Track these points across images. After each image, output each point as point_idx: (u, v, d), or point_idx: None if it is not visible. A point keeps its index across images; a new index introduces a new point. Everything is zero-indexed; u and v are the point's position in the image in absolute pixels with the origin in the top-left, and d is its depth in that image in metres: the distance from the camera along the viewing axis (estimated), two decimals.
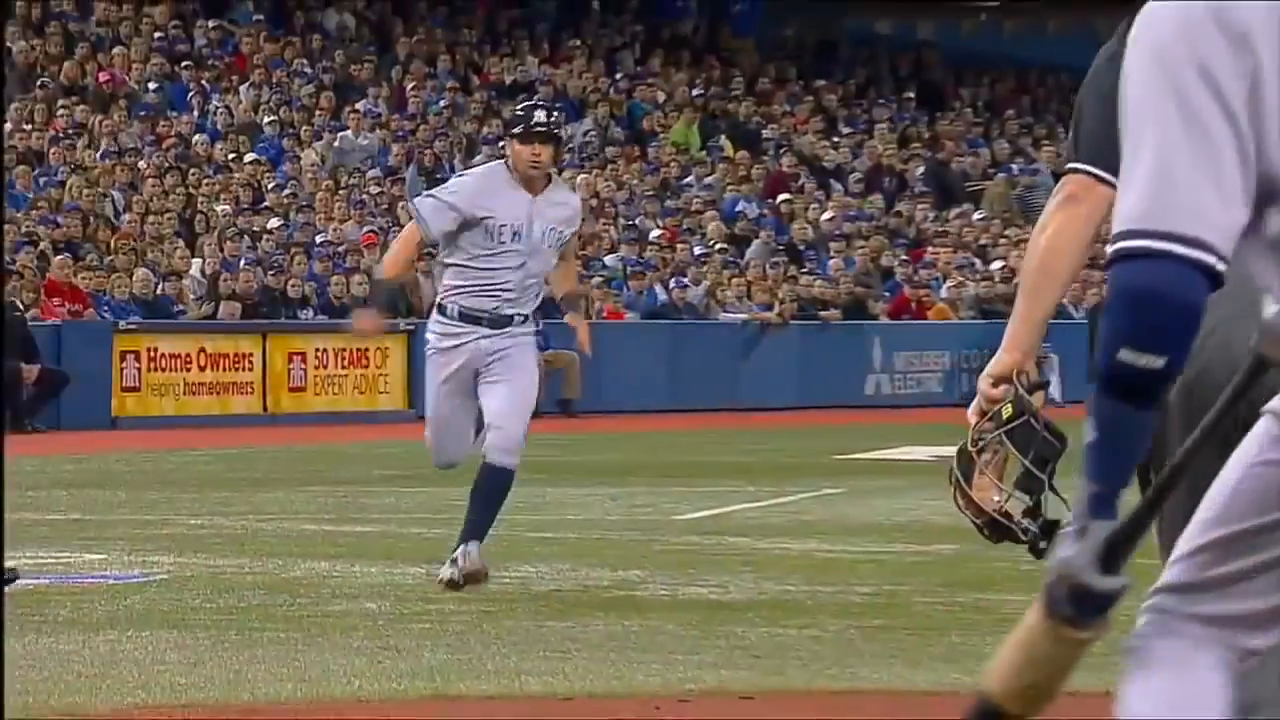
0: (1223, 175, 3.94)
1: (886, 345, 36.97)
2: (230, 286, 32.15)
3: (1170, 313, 3.94)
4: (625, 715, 8.27)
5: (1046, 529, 5.28)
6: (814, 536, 15.36)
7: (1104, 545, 4.16)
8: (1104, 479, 4.20)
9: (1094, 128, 5.31)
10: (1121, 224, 3.96)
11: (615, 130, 41.45)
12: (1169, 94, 4.01)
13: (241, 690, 8.92)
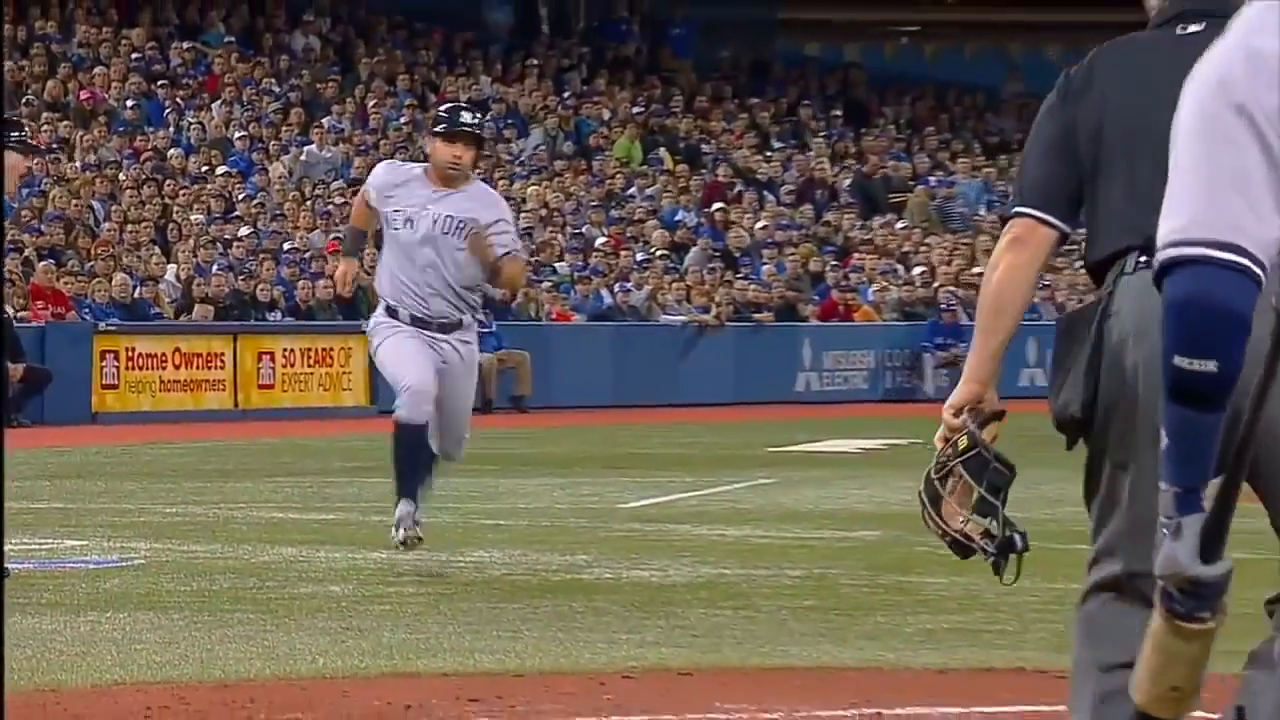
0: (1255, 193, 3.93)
1: (816, 345, 37.02)
2: (203, 290, 32.14)
3: (1215, 317, 3.91)
4: (572, 690, 8.26)
5: (1002, 548, 5.31)
6: (748, 523, 15.36)
7: (1199, 536, 4.10)
8: (1183, 480, 4.14)
9: (1038, 174, 5.32)
10: (1163, 240, 3.96)
11: (563, 144, 41.46)
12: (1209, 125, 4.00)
13: (213, 668, 8.89)
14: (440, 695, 8.11)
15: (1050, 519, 15.67)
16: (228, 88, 39.02)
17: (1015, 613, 10.55)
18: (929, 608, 10.78)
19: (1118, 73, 5.22)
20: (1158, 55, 5.26)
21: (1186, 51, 4.97)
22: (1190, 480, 4.12)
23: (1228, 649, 4.48)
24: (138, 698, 8.09)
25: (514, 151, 40.32)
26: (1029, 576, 12.35)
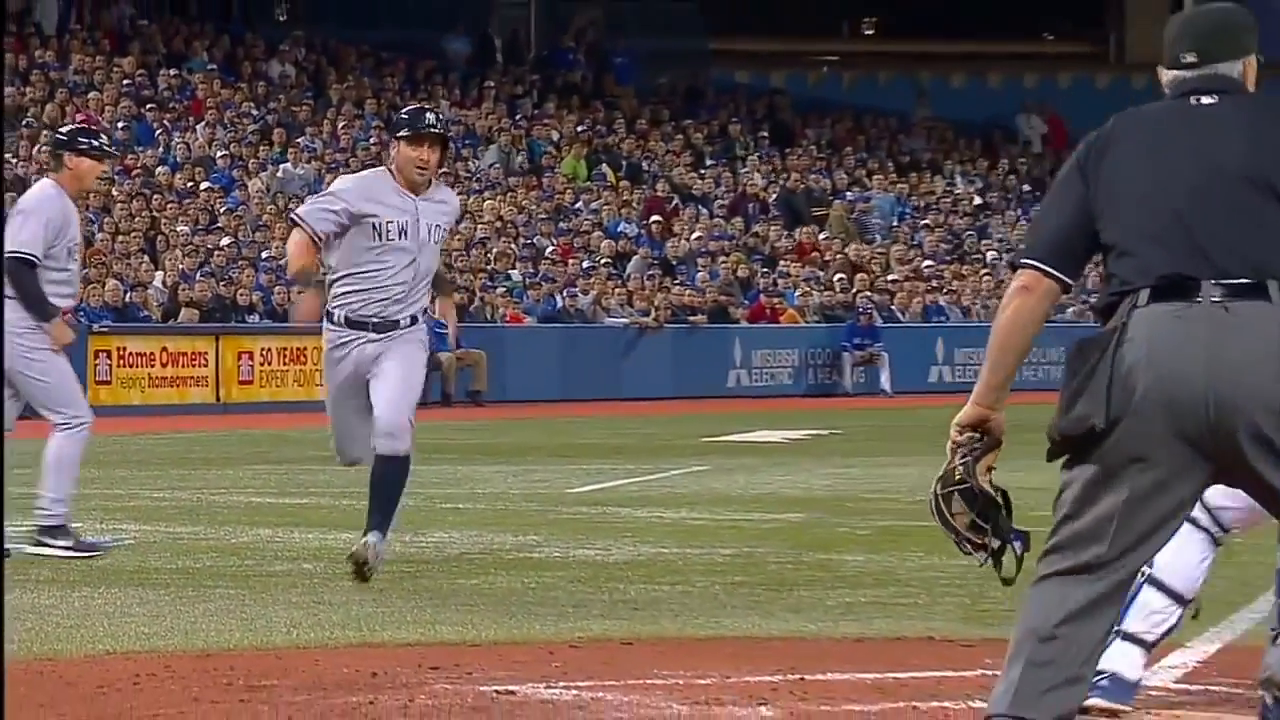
0: None
1: (745, 345, 37.06)
2: (188, 295, 32.11)
3: None
4: (523, 659, 8.24)
5: (994, 556, 5.49)
6: (684, 506, 15.36)
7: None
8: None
9: (1050, 232, 5.43)
10: None
11: (516, 162, 41.44)
12: None
13: (196, 638, 8.86)
14: (403, 663, 8.09)
15: None
16: (210, 111, 38.94)
17: (925, 587, 10.56)
18: (847, 583, 10.78)
19: (1133, 141, 5.32)
20: (1171, 124, 5.39)
21: (1200, 121, 5.13)
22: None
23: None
24: (127, 666, 8.05)
25: (471, 169, 40.28)
26: (937, 555, 12.43)
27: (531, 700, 7.32)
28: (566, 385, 34.01)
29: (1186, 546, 6.96)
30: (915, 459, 20.56)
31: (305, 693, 7.44)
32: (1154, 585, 7.01)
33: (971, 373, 39.03)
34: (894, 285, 40.33)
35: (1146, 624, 7.00)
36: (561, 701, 7.30)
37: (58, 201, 11.95)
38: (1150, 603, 6.99)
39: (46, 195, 12.01)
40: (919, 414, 30.63)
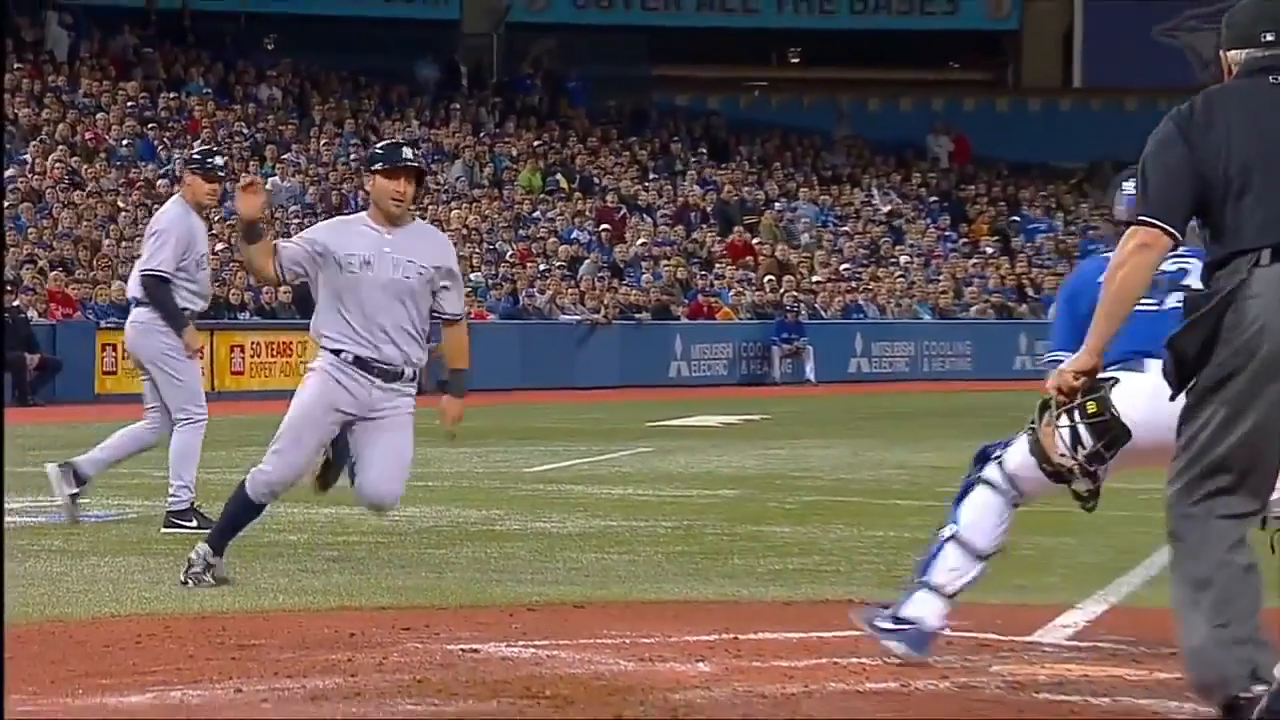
0: None
1: (685, 339, 37.07)
2: None
3: None
4: (486, 620, 8.22)
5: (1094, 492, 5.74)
6: (630, 484, 15.35)
7: None
8: None
9: (1163, 193, 5.43)
10: None
11: (480, 176, 41.39)
12: None
13: (192, 602, 8.82)
14: (378, 624, 8.06)
15: (872, 480, 15.74)
16: (206, 130, 38.81)
17: (845, 556, 10.56)
18: (776, 552, 10.78)
19: (1234, 113, 5.31)
20: (1260, 100, 5.41)
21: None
22: None
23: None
24: (130, 626, 8.02)
25: (440, 181, 40.19)
26: (856, 527, 12.40)
27: (493, 658, 7.30)
28: (525, 375, 33.97)
29: (988, 509, 7.03)
30: (836, 441, 20.58)
31: (290, 651, 7.41)
32: (957, 543, 7.06)
33: (887, 364, 39.12)
34: (817, 286, 40.37)
35: (949, 577, 7.06)
36: (520, 658, 7.28)
37: (185, 219, 12.17)
38: (954, 559, 7.05)
39: (176, 214, 12.22)
40: (840, 401, 30.68)
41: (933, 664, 7.07)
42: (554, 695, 6.52)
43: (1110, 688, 6.66)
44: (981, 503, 7.03)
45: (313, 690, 6.63)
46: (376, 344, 9.45)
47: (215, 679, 6.83)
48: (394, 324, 9.46)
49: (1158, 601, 8.79)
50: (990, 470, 7.04)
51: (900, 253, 43.86)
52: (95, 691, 6.60)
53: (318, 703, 6.42)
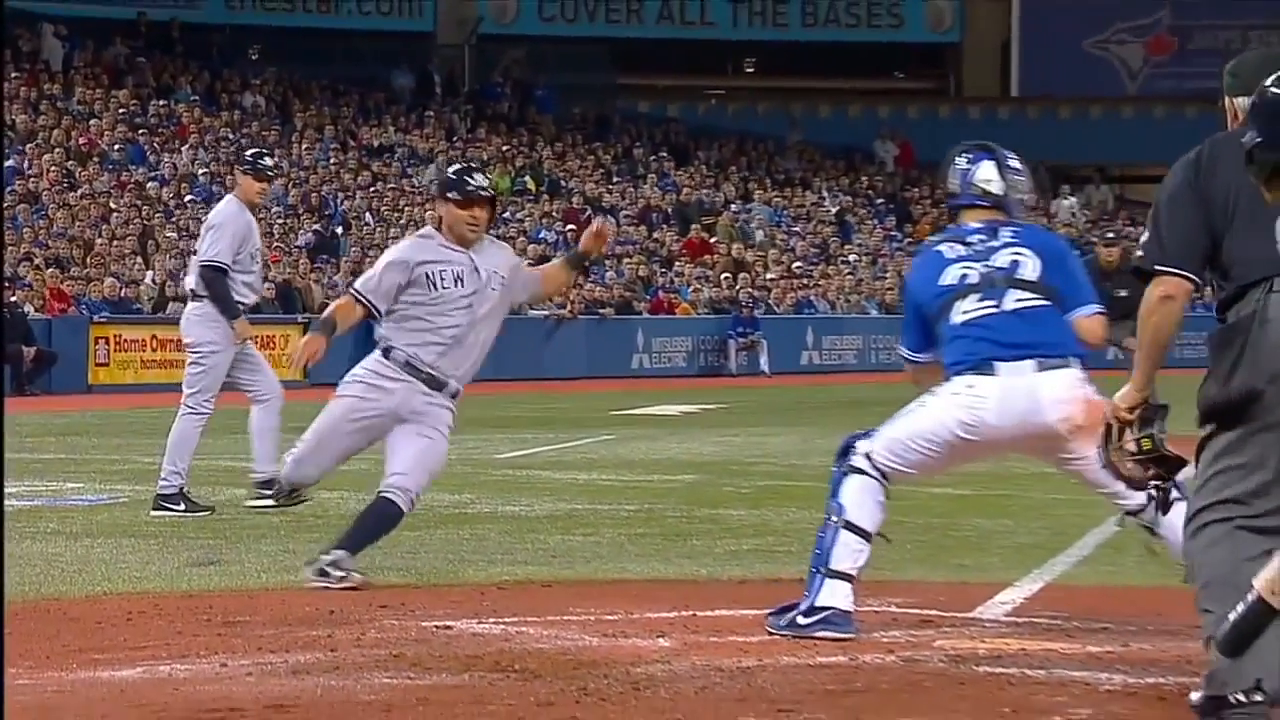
0: None
1: (647, 333, 37.06)
2: (175, 291, 31.91)
3: None
4: (458, 599, 8.22)
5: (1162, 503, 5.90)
6: (595, 470, 15.34)
7: None
8: None
9: (1179, 239, 5.46)
10: None
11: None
12: None
13: (181, 582, 8.80)
14: (357, 602, 8.05)
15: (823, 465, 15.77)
16: (194, 135, 38.70)
17: (797, 537, 10.57)
18: (733, 534, 10.78)
19: (1238, 158, 5.30)
20: None
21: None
22: None
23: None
24: (122, 604, 7.99)
25: (415, 184, 40.13)
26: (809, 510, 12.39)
27: (465, 634, 7.29)
28: (496, 367, 33.61)
29: (866, 493, 7.12)
30: (789, 429, 20.60)
31: (273, 627, 7.39)
32: (848, 528, 7.11)
33: (837, 356, 39.15)
34: (771, 283, 40.40)
35: (849, 562, 7.12)
36: (491, 634, 7.27)
37: (240, 215, 12.18)
38: (849, 544, 7.11)
39: (231, 211, 12.25)
40: (792, 391, 30.70)
41: (879, 639, 7.08)
42: (522, 669, 6.51)
43: (1045, 660, 6.67)
44: (858, 488, 7.13)
45: (294, 664, 6.61)
46: (437, 354, 8.92)
47: (202, 654, 6.81)
48: (472, 340, 9.03)
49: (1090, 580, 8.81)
50: (857, 459, 7.14)
51: (849, 251, 43.92)
52: (89, 665, 6.58)
53: (299, 676, 6.40)
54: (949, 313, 7.15)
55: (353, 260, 35.73)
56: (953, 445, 7.07)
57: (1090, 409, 6.99)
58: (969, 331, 7.12)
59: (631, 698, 6.03)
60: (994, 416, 7.01)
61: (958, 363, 7.11)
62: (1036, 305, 7.17)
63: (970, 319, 7.14)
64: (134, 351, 30.13)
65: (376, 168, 40.29)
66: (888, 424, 7.19)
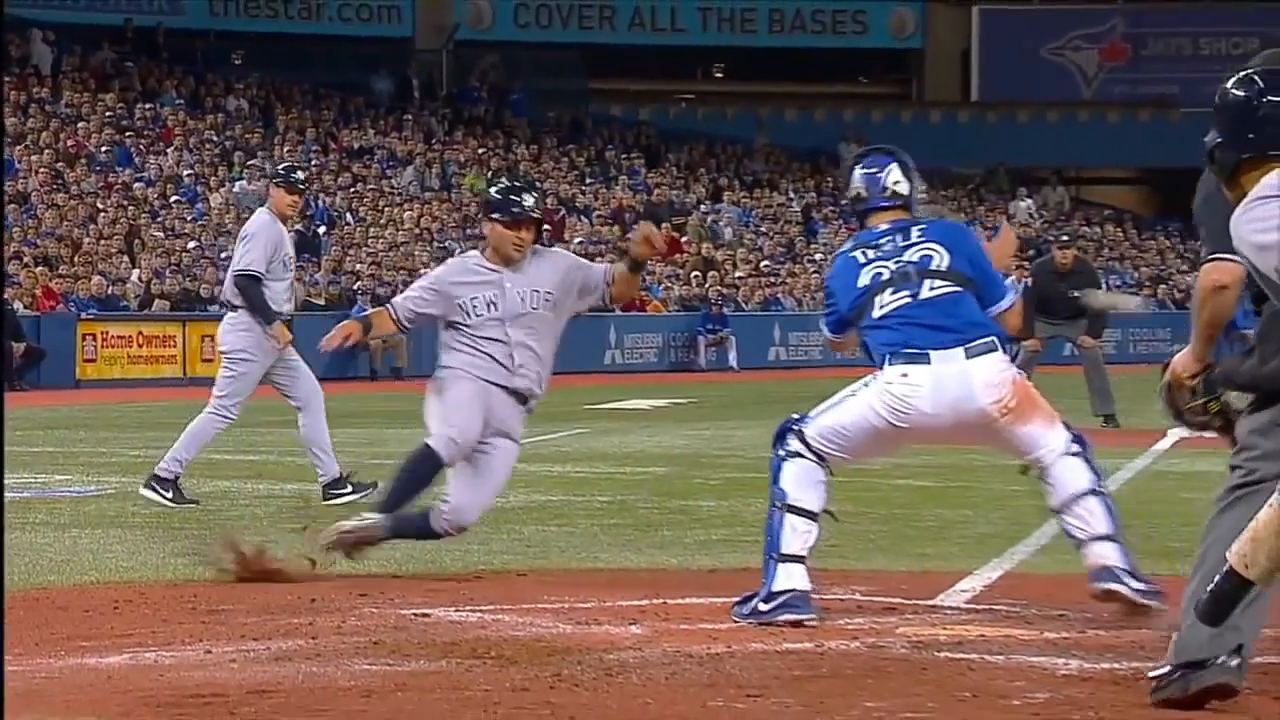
0: None
1: (619, 329, 37.04)
2: (160, 288, 31.86)
3: None
4: (436, 587, 8.21)
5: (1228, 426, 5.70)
6: (569, 462, 15.33)
7: None
8: None
9: (1217, 232, 5.41)
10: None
11: (430, 180, 41.27)
12: None
13: (166, 571, 8.77)
14: (338, 590, 8.03)
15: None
16: (179, 137, 38.60)
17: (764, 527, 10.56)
18: (702, 524, 10.78)
19: None
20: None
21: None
22: None
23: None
24: (109, 593, 7.96)
25: (394, 185, 40.07)
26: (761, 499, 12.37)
27: (443, 621, 7.28)
28: None
29: (805, 475, 7.14)
30: (757, 422, 20.60)
31: (256, 615, 7.37)
32: (794, 511, 7.14)
33: (803, 352, 39.16)
34: (739, 281, 40.42)
35: (798, 544, 7.15)
36: (468, 622, 7.26)
37: (272, 226, 12.24)
38: (796, 526, 7.13)
39: (263, 222, 12.33)
40: (760, 386, 30.71)
41: (844, 626, 7.08)
42: (498, 655, 6.50)
43: (1005, 646, 6.68)
44: (797, 471, 7.16)
45: (277, 651, 6.59)
46: (499, 375, 8.64)
47: (187, 641, 6.79)
48: (525, 357, 8.73)
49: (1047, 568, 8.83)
50: (793, 444, 7.15)
51: (814, 250, 43.95)
52: (76, 653, 6.56)
53: (281, 662, 6.39)
54: (869, 310, 7.24)
55: (334, 259, 35.67)
56: (884, 432, 7.11)
57: (1018, 389, 7.14)
58: (888, 322, 7.21)
59: (604, 683, 6.03)
60: (928, 405, 7.06)
61: (887, 352, 7.15)
62: (951, 292, 7.26)
63: (888, 311, 7.24)
64: (120, 347, 30.06)
65: (356, 169, 40.21)
66: (822, 409, 7.22)
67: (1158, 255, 48.52)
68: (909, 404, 7.04)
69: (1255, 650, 6.38)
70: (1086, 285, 19.20)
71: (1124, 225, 50.39)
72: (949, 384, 7.06)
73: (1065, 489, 7.17)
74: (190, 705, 5.67)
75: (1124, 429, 18.30)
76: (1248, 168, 4.92)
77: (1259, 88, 5.01)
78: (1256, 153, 4.93)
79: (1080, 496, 7.16)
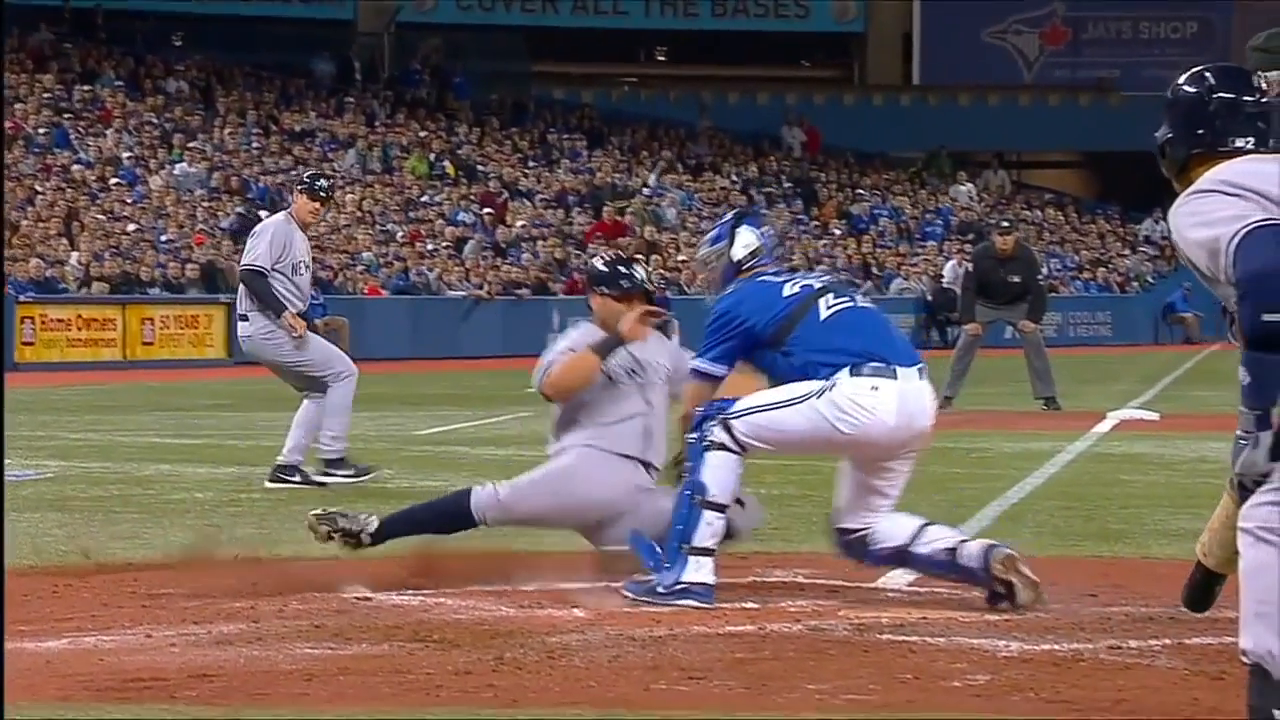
0: None
1: (562, 313, 36.97)
2: (99, 271, 31.67)
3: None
4: (379, 571, 8.18)
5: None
6: (512, 445, 15.33)
7: (1272, 445, 4.25)
8: (1261, 404, 4.25)
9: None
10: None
11: (372, 163, 41.13)
12: None
13: (105, 555, 8.72)
14: (280, 575, 8.00)
15: None
16: (117, 119, 38.35)
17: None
18: None
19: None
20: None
21: None
22: (1265, 404, 4.26)
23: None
24: (47, 578, 7.92)
25: (336, 168, 39.91)
26: None
27: (385, 605, 7.27)
28: (415, 346, 33.85)
29: (726, 468, 7.17)
30: None
31: (196, 600, 7.34)
32: (708, 506, 7.17)
33: None
34: (682, 264, 40.44)
35: (710, 538, 7.18)
36: (410, 606, 7.25)
37: (284, 227, 12.26)
38: (711, 521, 7.17)
39: (275, 221, 12.41)
40: None
41: (786, 608, 7.11)
42: (441, 639, 6.50)
43: (946, 629, 6.71)
44: (720, 465, 7.19)
45: (218, 635, 6.57)
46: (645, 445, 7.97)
47: (127, 625, 6.76)
48: (648, 425, 8.02)
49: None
50: (718, 434, 7.17)
51: None
52: (15, 637, 6.52)
53: (222, 646, 6.37)
54: (807, 315, 7.27)
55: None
56: (833, 440, 7.15)
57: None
58: (840, 323, 7.28)
59: (547, 666, 6.03)
60: (892, 418, 7.13)
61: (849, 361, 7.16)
62: (877, 309, 7.55)
63: (835, 313, 7.32)
64: (59, 330, 29.89)
65: (298, 151, 40.05)
66: (758, 405, 7.18)
67: (1098, 239, 48.74)
68: (874, 416, 7.10)
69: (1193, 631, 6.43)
70: (1027, 270, 19.31)
71: (1065, 209, 50.61)
72: (910, 400, 7.19)
73: (901, 534, 7.26)
74: (130, 689, 5.65)
75: (1064, 412, 18.40)
76: (1197, 163, 4.95)
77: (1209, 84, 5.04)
78: (1206, 149, 4.96)
79: (920, 529, 7.25)
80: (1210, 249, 4.50)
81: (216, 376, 27.07)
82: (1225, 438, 5.93)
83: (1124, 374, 26.87)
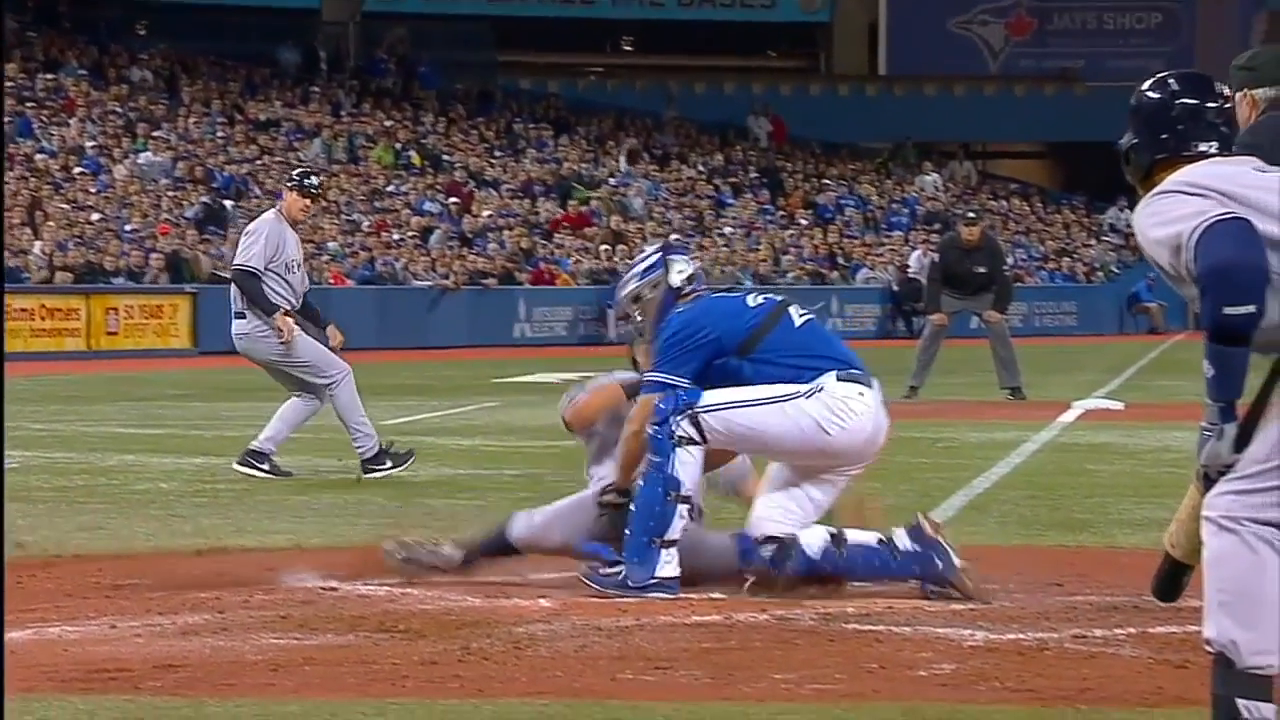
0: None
1: (528, 303, 37.02)
2: (63, 261, 31.57)
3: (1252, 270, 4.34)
4: (344, 561, 8.17)
5: None
6: (478, 435, 15.31)
7: (1235, 437, 4.31)
8: (1224, 397, 4.29)
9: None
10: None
11: (338, 152, 41.05)
12: None
13: (70, 546, 8.70)
14: (245, 565, 7.99)
15: None
16: (81, 109, 38.22)
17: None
18: None
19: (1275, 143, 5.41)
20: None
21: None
22: (1229, 397, 4.30)
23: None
24: (11, 568, 7.88)
25: (301, 157, 39.81)
26: None
27: (351, 595, 7.26)
28: (381, 335, 33.77)
29: (695, 463, 7.19)
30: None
31: (161, 590, 7.33)
32: (684, 501, 7.22)
33: None
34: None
35: (680, 531, 7.20)
36: (376, 596, 7.25)
37: (276, 226, 12.27)
38: (683, 514, 7.23)
39: (266, 220, 12.40)
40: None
41: (752, 597, 7.12)
42: (407, 629, 6.49)
43: (911, 618, 6.73)
44: (690, 460, 7.22)
45: (183, 626, 6.56)
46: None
47: (91, 616, 6.74)
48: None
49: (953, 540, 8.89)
50: (686, 428, 7.17)
51: (724, 224, 44.03)
52: None
53: (187, 637, 6.35)
54: (782, 319, 7.29)
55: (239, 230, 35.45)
56: (809, 441, 7.14)
57: None
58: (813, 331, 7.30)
59: (513, 656, 6.03)
60: (870, 424, 7.18)
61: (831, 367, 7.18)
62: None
63: (806, 321, 7.37)
64: (23, 320, 29.79)
65: (263, 141, 39.95)
66: (729, 402, 7.16)
67: (1064, 229, 48.87)
68: (860, 420, 7.13)
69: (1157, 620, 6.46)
70: (992, 260, 19.37)
71: (1030, 199, 50.73)
72: (881, 414, 7.28)
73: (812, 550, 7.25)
74: (95, 680, 5.64)
75: (1030, 401, 18.45)
76: (1161, 168, 4.97)
77: (1173, 90, 5.08)
78: (1170, 154, 4.99)
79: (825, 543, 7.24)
80: (1172, 246, 4.55)
81: (181, 366, 27.00)
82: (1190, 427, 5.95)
83: (1089, 364, 26.97)
